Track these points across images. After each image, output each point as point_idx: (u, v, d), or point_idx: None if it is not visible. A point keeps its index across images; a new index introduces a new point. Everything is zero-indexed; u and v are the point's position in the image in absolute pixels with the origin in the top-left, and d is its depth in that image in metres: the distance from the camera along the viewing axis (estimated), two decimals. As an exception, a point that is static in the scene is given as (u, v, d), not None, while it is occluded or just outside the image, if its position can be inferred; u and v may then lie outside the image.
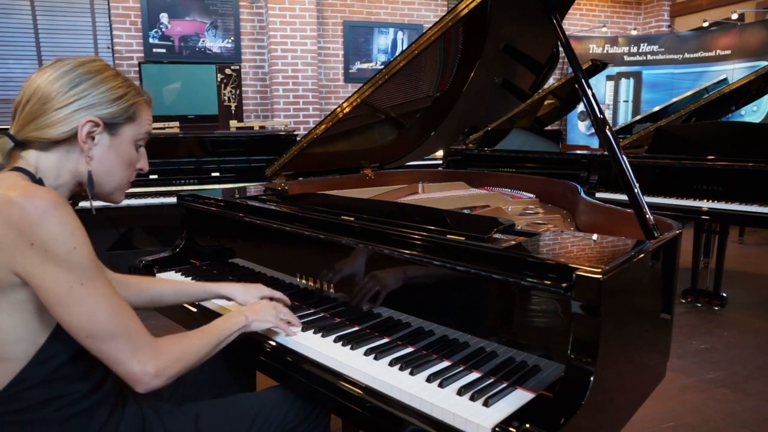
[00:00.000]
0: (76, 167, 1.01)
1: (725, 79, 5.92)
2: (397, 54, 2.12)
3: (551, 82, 4.43)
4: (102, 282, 0.91)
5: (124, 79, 1.04)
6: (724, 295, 3.65)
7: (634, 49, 7.20)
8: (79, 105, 0.97)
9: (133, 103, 1.04)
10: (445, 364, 1.11)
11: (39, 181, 0.97)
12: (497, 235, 1.17)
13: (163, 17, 5.42)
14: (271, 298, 1.37)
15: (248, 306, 1.26)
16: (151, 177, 3.61)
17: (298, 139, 2.66)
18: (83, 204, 1.11)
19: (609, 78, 7.27)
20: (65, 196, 1.03)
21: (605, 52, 7.21)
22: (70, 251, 0.86)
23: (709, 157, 3.30)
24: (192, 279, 1.73)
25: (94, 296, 0.89)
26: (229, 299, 1.40)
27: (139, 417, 1.06)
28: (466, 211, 1.85)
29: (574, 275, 0.94)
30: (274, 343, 1.25)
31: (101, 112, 0.99)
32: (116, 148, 1.03)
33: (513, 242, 1.13)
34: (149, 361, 0.94)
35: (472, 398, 0.97)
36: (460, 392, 0.99)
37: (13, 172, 0.95)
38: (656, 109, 5.40)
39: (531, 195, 2.19)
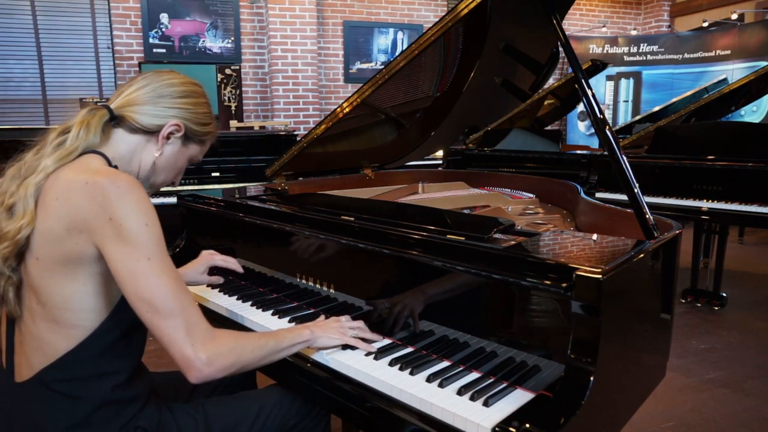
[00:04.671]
0: (144, 157, 1.16)
1: (725, 79, 5.92)
2: (397, 54, 2.12)
3: (551, 82, 4.43)
4: (167, 262, 0.99)
5: (211, 111, 1.25)
6: (724, 295, 3.65)
7: (633, 49, 7.20)
8: (179, 113, 1.15)
9: (210, 132, 1.24)
10: (445, 364, 1.11)
11: (115, 168, 1.09)
12: (497, 235, 1.17)
13: (163, 17, 5.43)
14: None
15: (315, 322, 1.26)
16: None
17: (298, 139, 2.66)
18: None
19: (609, 78, 7.27)
20: None
21: (605, 52, 7.21)
22: (141, 227, 0.96)
23: (709, 157, 3.30)
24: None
25: (158, 273, 0.97)
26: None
27: (156, 415, 1.10)
28: (466, 211, 1.85)
29: (574, 275, 0.94)
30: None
31: (188, 125, 1.18)
32: (178, 155, 1.20)
33: (513, 242, 1.13)
34: (202, 346, 0.97)
35: (472, 398, 0.97)
36: (460, 392, 0.99)
37: (94, 155, 1.07)
38: (656, 109, 5.40)
39: (531, 195, 2.19)
